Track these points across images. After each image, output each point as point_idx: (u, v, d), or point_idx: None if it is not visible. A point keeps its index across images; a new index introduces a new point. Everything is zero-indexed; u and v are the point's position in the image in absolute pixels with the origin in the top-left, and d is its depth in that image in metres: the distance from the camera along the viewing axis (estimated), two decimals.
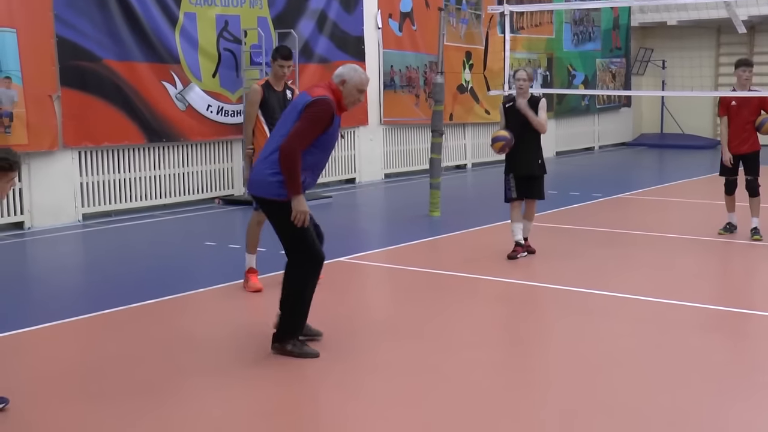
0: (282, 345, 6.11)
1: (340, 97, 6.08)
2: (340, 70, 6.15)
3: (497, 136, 9.41)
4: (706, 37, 24.63)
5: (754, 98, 10.45)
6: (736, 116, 10.51)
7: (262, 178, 6.04)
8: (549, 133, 21.91)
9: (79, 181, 12.29)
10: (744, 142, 10.51)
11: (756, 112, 10.44)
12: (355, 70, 6.13)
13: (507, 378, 5.79)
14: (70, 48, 11.90)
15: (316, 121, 5.92)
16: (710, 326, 7.09)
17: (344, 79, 6.07)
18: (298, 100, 6.10)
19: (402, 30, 17.31)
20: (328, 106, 5.95)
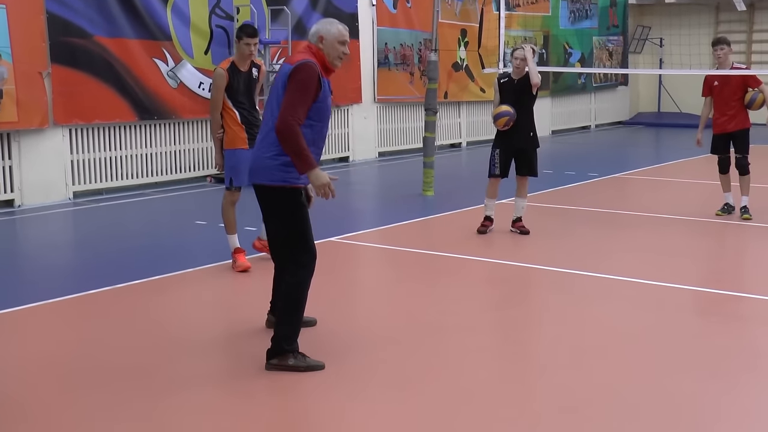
0: (282, 360, 5.48)
1: (323, 56, 5.53)
2: (314, 27, 5.60)
3: (500, 111, 9.39)
4: (705, 14, 24.47)
5: (735, 76, 10.44)
6: (719, 95, 10.55)
7: (261, 164, 5.49)
8: (544, 112, 21.90)
9: (70, 158, 12.18)
10: (730, 119, 10.51)
11: (739, 89, 10.45)
12: (330, 22, 5.61)
13: (502, 363, 5.72)
14: (61, 24, 11.75)
15: (304, 88, 5.36)
16: (707, 310, 7.03)
17: (321, 35, 5.52)
18: (282, 71, 5.54)
19: (396, 7, 17.15)
20: (311, 69, 5.39)
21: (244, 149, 7.77)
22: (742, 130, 10.56)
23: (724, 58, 10.48)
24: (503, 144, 9.54)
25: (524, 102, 9.47)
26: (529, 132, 9.55)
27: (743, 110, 10.52)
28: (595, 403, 4.94)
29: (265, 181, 5.50)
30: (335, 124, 16.25)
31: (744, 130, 10.58)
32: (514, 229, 9.66)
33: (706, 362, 5.64)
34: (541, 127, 21.80)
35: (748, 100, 10.41)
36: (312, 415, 4.96)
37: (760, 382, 5.31)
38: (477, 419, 4.72)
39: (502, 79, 9.66)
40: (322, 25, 5.61)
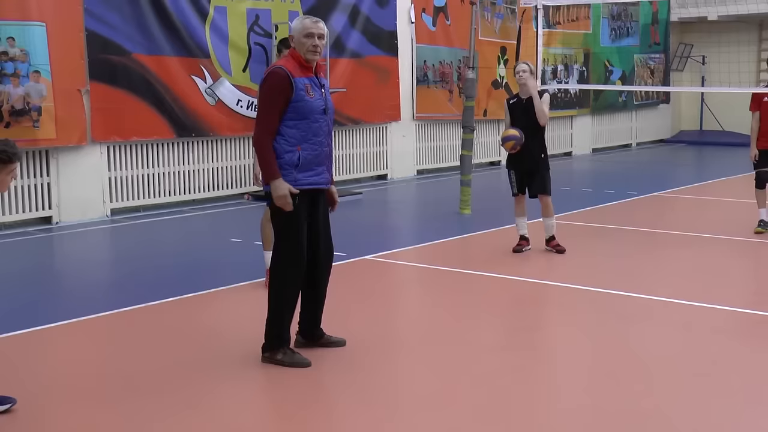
0: (272, 354, 5.80)
1: (299, 56, 5.73)
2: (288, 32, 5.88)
3: (507, 135, 9.30)
4: (748, 32, 24.16)
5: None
6: (766, 111, 10.43)
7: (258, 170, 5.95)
8: (585, 130, 21.75)
9: (108, 175, 12.24)
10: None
11: None
12: (299, 19, 5.78)
13: (535, 384, 5.59)
14: (99, 42, 11.85)
15: (270, 96, 5.64)
16: (748, 331, 6.85)
17: (291, 34, 5.82)
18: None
19: (435, 24, 17.11)
20: (275, 76, 5.64)
21: None
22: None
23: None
24: (516, 166, 9.50)
25: (534, 122, 9.31)
26: (540, 154, 9.39)
27: None
28: (633, 427, 4.80)
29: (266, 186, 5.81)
30: (374, 142, 16.21)
31: None
32: (550, 248, 9.53)
33: (747, 386, 5.47)
34: (582, 145, 21.78)
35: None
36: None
37: None
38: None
39: (511, 100, 9.59)
40: (293, 24, 5.84)
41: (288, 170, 5.70)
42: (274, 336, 5.82)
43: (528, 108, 9.34)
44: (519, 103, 9.44)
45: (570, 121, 21.41)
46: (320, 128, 5.79)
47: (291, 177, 5.71)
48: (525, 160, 9.39)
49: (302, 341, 6.15)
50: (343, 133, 15.59)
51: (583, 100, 21.55)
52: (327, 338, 6.18)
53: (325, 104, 5.82)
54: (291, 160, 5.71)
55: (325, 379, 5.69)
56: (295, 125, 5.69)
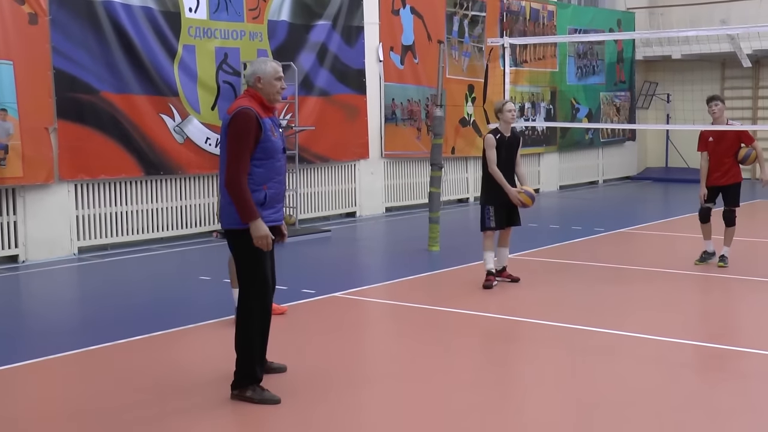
0: (241, 391, 5.85)
1: (261, 98, 5.83)
2: (249, 69, 5.88)
3: (531, 193, 9.74)
4: (711, 70, 24.55)
5: (730, 132, 10.69)
6: (714, 151, 10.76)
7: (224, 210, 5.85)
8: (552, 167, 21.94)
9: (75, 214, 12.18)
10: (724, 174, 10.75)
11: (734, 145, 10.70)
12: (264, 62, 5.89)
13: (504, 420, 5.60)
14: (67, 80, 11.84)
15: (241, 137, 5.65)
16: (711, 366, 6.91)
17: (258, 75, 5.81)
18: (223, 121, 5.86)
19: (403, 63, 17.24)
20: (245, 116, 5.68)
21: None
22: (734, 184, 10.78)
23: (719, 114, 10.71)
24: (497, 201, 9.63)
25: (513, 158, 9.73)
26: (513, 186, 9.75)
27: (736, 165, 10.77)
28: None
29: (226, 225, 5.86)
30: (342, 180, 16.25)
31: (736, 184, 10.81)
32: (501, 279, 9.79)
33: (711, 421, 5.52)
34: (549, 182, 21.95)
35: (742, 156, 10.67)
36: None
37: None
38: None
39: (496, 135, 9.70)
40: (257, 65, 5.88)
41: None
42: (245, 375, 5.85)
43: (510, 144, 9.65)
44: (503, 140, 9.64)
45: (537, 159, 21.58)
46: (281, 167, 5.95)
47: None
48: (504, 194, 9.59)
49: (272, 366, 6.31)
50: (311, 171, 15.63)
51: (551, 138, 21.74)
52: (269, 365, 6.31)
53: (283, 144, 5.99)
54: (258, 199, 5.77)
55: (292, 416, 5.67)
56: (262, 164, 5.77)
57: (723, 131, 10.66)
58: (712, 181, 10.80)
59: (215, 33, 13.68)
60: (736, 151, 10.66)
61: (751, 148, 10.63)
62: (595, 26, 22.50)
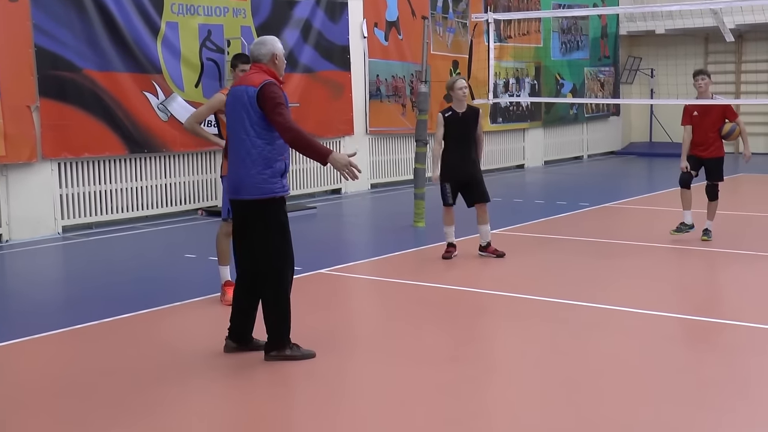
0: (280, 351, 6.12)
1: (275, 74, 6.15)
2: (262, 49, 6.15)
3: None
4: (695, 45, 24.57)
5: (715, 107, 10.72)
6: (698, 125, 10.79)
7: (248, 180, 6.00)
8: (537, 142, 21.93)
9: (59, 192, 12.13)
10: (706, 148, 10.79)
11: (719, 119, 10.73)
12: (275, 40, 6.25)
13: (490, 394, 5.64)
14: (49, 58, 11.75)
15: (280, 99, 5.96)
16: (696, 338, 6.96)
17: (275, 53, 6.16)
18: (240, 95, 6.05)
19: (388, 39, 17.19)
20: (276, 86, 6.02)
21: None
22: (716, 159, 10.82)
23: (705, 88, 10.73)
24: (453, 178, 9.81)
25: (470, 134, 9.81)
26: (475, 164, 9.90)
27: (719, 140, 10.81)
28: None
29: (255, 195, 6.02)
30: None
31: (719, 158, 10.85)
32: (486, 254, 9.91)
33: (695, 392, 5.56)
34: (534, 158, 21.98)
35: (726, 131, 10.70)
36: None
37: (750, 412, 5.24)
38: None
39: (446, 113, 9.88)
40: (272, 44, 6.20)
41: (277, 179, 6.06)
42: (283, 335, 6.14)
43: (464, 121, 9.76)
44: (455, 117, 9.79)
45: (522, 134, 21.60)
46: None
47: (280, 184, 6.08)
48: (461, 172, 9.77)
49: (234, 346, 6.39)
50: None
51: (535, 113, 21.75)
52: (255, 342, 6.42)
53: None
54: (280, 168, 6.09)
55: (280, 391, 5.70)
56: (279, 138, 6.03)
57: (708, 106, 10.68)
58: (695, 152, 10.85)
59: (198, 10, 13.60)
60: (720, 126, 10.69)
61: (735, 123, 10.66)
62: (579, 1, 22.47)
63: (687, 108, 11.01)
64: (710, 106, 10.69)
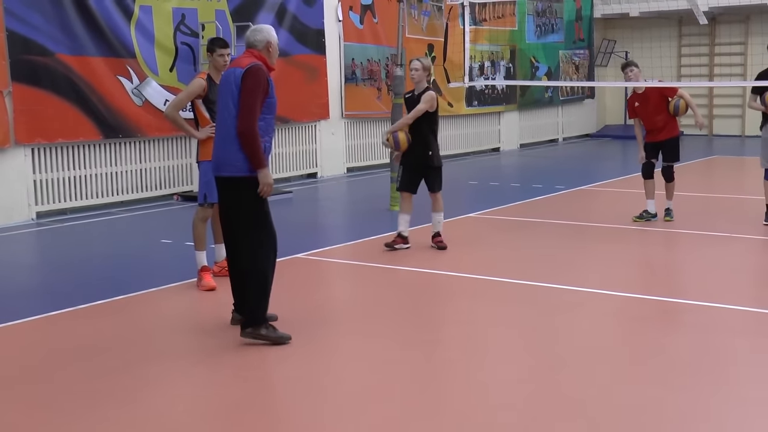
0: (255, 330, 6.16)
1: (266, 60, 6.33)
2: (258, 36, 6.34)
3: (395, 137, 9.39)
4: (668, 28, 24.69)
5: (653, 93, 10.89)
6: (644, 113, 10.98)
7: (228, 157, 6.18)
8: (512, 125, 21.98)
9: (33, 178, 12.04)
10: (660, 131, 10.96)
11: (661, 102, 10.87)
12: (271, 30, 6.45)
13: (467, 376, 5.67)
14: (21, 42, 11.64)
15: (256, 90, 6.10)
16: (674, 319, 7.03)
17: (270, 41, 6.36)
18: (230, 76, 6.24)
19: (363, 22, 17.15)
20: (262, 71, 6.17)
21: None
22: (671, 139, 10.99)
23: (635, 78, 10.94)
24: (406, 162, 9.54)
25: (420, 120, 9.34)
26: (427, 151, 9.42)
27: (672, 120, 10.95)
28: (559, 416, 4.90)
29: (234, 172, 6.18)
30: (303, 141, 16.19)
31: (674, 138, 11.02)
32: (433, 245, 9.58)
33: (669, 373, 5.62)
34: (510, 141, 22.02)
35: (672, 109, 10.79)
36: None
37: (723, 392, 5.30)
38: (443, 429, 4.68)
39: (407, 95, 9.68)
40: (267, 33, 6.42)
41: None
42: (259, 310, 6.19)
43: (417, 102, 9.40)
44: (412, 98, 9.53)
45: (497, 117, 21.64)
46: (274, 125, 6.41)
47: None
48: (413, 155, 9.47)
49: (239, 318, 6.48)
50: None
51: (510, 96, 21.79)
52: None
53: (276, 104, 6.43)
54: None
55: (257, 375, 5.70)
56: (263, 119, 6.21)
57: (645, 93, 10.87)
58: (650, 138, 11.03)
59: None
60: (665, 107, 10.81)
61: (677, 98, 10.75)
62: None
63: (629, 102, 11.28)
64: (647, 94, 10.86)
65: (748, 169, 15.50)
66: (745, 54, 23.76)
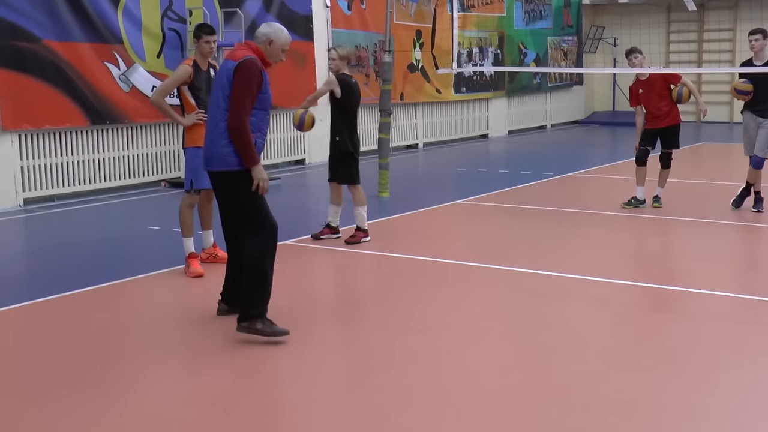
0: (251, 324, 5.97)
1: (263, 55, 6.13)
2: (264, 29, 6.16)
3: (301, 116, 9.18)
4: (657, 14, 24.70)
5: (658, 80, 10.88)
6: (647, 100, 10.96)
7: (216, 152, 6.00)
8: (501, 112, 21.97)
9: (20, 164, 11.99)
10: (664, 117, 10.94)
11: (664, 88, 10.88)
12: (282, 30, 6.19)
13: (460, 363, 5.68)
14: (8, 28, 11.56)
15: (248, 84, 5.93)
16: (658, 306, 7.05)
17: (272, 39, 6.12)
18: (223, 68, 6.06)
19: (351, 9, 17.10)
20: (255, 66, 5.96)
21: None
22: (673, 126, 10.98)
23: (639, 65, 10.91)
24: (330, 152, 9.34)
25: (333, 106, 9.29)
26: (335, 137, 9.26)
27: (675, 107, 10.96)
28: (551, 401, 4.92)
29: (223, 167, 6.00)
30: (291, 127, 16.13)
31: (675, 125, 11.01)
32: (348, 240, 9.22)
33: (659, 360, 5.64)
34: (498, 128, 22.02)
35: (675, 96, 10.81)
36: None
37: (713, 379, 5.32)
38: (432, 417, 4.68)
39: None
40: (273, 30, 6.16)
41: None
42: (257, 307, 5.98)
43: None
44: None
45: (486, 104, 21.63)
46: (268, 121, 6.22)
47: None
48: (331, 144, 9.33)
49: (225, 308, 6.49)
50: None
51: (499, 83, 21.77)
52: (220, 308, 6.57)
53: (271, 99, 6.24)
54: None
55: (250, 365, 5.70)
56: (256, 114, 6.04)
57: (650, 80, 10.86)
58: (652, 125, 11.00)
59: None
60: (668, 94, 10.83)
61: (681, 85, 10.77)
62: None
63: (632, 89, 11.23)
64: (652, 80, 10.86)
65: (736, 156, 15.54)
66: (733, 41, 23.79)
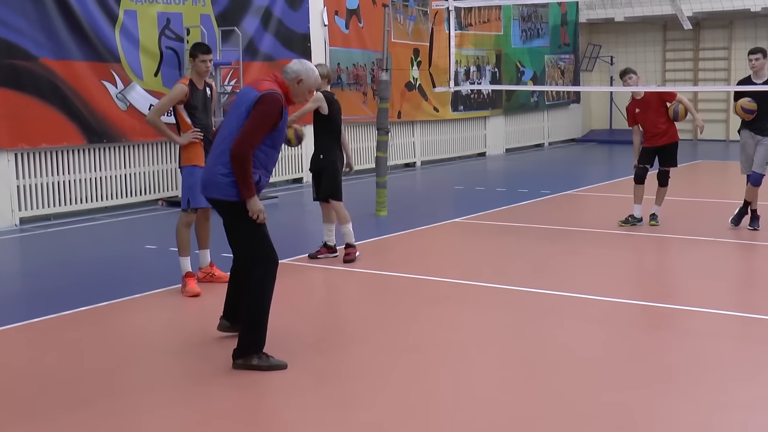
0: (246, 360, 5.79)
1: (288, 91, 5.88)
2: (296, 67, 5.91)
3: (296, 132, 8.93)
4: (653, 32, 24.78)
5: (653, 98, 10.92)
6: (644, 119, 10.99)
7: (215, 180, 5.80)
8: (498, 130, 22.00)
9: (16, 183, 11.97)
10: (662, 135, 10.96)
11: (661, 107, 10.90)
12: (313, 70, 5.94)
13: (454, 380, 5.65)
14: (4, 46, 11.56)
15: (267, 118, 5.70)
16: (655, 324, 7.03)
17: (302, 78, 5.88)
18: (244, 95, 5.80)
19: (349, 27, 17.14)
20: (278, 101, 5.73)
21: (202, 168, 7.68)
22: (672, 144, 11.00)
23: (634, 85, 10.99)
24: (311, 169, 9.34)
25: (317, 122, 9.30)
26: (318, 154, 9.26)
27: (672, 125, 10.98)
28: (548, 420, 4.89)
29: (222, 196, 5.81)
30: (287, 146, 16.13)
31: (673, 144, 11.03)
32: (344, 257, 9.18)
33: (656, 378, 5.61)
34: (495, 146, 22.04)
35: (671, 113, 10.82)
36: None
37: (711, 397, 5.29)
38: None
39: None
40: (305, 69, 5.91)
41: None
42: (253, 343, 5.80)
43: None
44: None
45: (483, 122, 21.65)
46: (276, 160, 6.00)
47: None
48: (314, 160, 9.32)
49: (227, 325, 6.40)
50: None
51: (496, 101, 21.81)
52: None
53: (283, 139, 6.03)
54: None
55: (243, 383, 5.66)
56: (264, 151, 5.82)
57: (645, 99, 10.89)
58: (650, 143, 11.01)
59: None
60: (665, 112, 10.84)
61: (676, 102, 10.79)
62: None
63: (628, 109, 11.27)
64: (647, 99, 10.89)
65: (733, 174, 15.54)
66: (728, 59, 23.86)
